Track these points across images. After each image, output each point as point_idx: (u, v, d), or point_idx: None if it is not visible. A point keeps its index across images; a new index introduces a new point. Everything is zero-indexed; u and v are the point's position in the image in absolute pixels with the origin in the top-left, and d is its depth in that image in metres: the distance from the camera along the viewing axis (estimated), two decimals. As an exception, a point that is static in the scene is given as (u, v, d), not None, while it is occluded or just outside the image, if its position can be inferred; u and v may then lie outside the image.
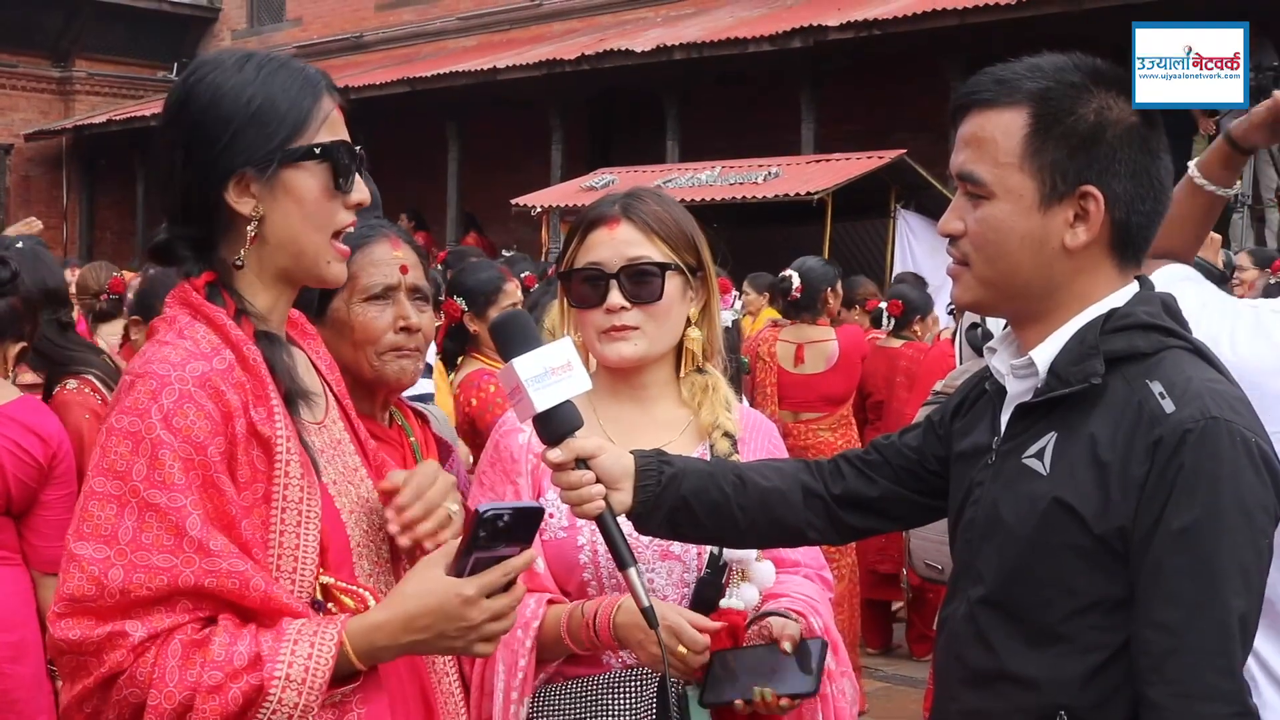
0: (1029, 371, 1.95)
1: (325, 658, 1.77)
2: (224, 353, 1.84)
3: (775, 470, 2.25)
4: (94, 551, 1.73)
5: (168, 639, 1.73)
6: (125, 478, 1.74)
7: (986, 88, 1.94)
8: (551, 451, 2.08)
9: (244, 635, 1.75)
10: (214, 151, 1.86)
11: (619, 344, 2.46)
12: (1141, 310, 1.90)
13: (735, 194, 13.10)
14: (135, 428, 1.76)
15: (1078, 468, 1.84)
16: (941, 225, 2.01)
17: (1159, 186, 1.93)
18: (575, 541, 2.44)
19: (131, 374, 1.82)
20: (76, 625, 1.73)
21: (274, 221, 1.89)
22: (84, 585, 1.73)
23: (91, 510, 1.75)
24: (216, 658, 1.72)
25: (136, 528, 1.73)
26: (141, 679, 1.72)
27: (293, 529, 1.84)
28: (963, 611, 1.99)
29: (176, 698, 1.71)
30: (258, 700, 1.72)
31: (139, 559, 1.73)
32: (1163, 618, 1.76)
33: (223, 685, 1.71)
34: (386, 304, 2.68)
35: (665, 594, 2.45)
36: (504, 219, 17.05)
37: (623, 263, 2.45)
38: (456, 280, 5.00)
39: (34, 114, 23.03)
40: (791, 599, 2.48)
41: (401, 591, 1.87)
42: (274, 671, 1.73)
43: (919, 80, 14.35)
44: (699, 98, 15.97)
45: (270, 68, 1.91)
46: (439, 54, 19.93)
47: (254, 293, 1.93)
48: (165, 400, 1.76)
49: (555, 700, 2.41)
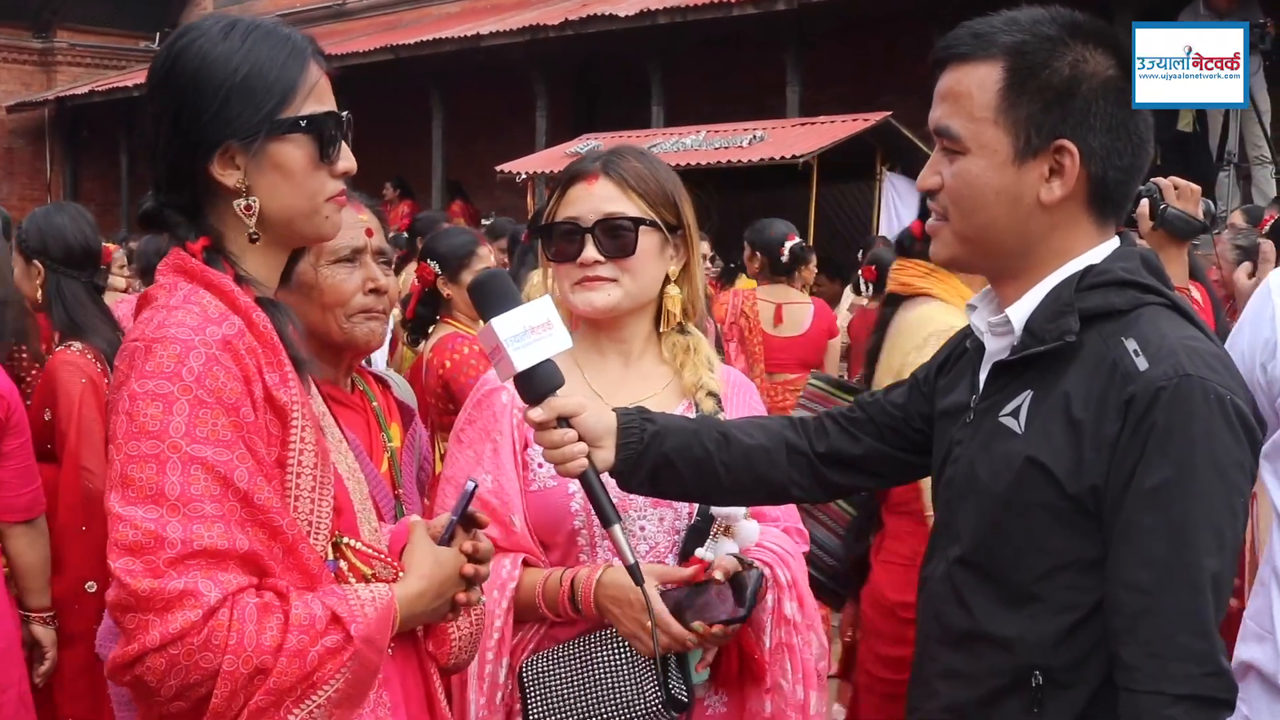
0: (1005, 329, 1.94)
1: (387, 621, 1.84)
2: (232, 318, 1.82)
3: (759, 428, 2.25)
4: (144, 512, 1.70)
5: (237, 601, 1.71)
6: (162, 436, 1.72)
7: (963, 41, 1.93)
8: (533, 410, 2.09)
9: (313, 599, 1.78)
10: (201, 122, 1.84)
11: (589, 294, 2.47)
12: (1119, 266, 1.89)
13: (720, 158, 13.05)
14: (165, 389, 1.73)
15: (1052, 426, 1.83)
16: (920, 181, 2.00)
17: (1137, 140, 1.91)
18: (565, 489, 2.43)
19: (144, 339, 1.77)
20: (143, 578, 1.68)
21: (261, 193, 1.88)
22: (140, 538, 1.69)
23: (131, 474, 1.71)
24: (301, 620, 1.74)
25: (183, 482, 1.71)
26: (217, 643, 1.69)
27: (308, 494, 1.85)
28: (941, 571, 1.99)
29: (254, 662, 1.70)
30: (341, 659, 1.76)
31: (192, 511, 1.70)
32: (1135, 578, 1.75)
33: (306, 648, 1.73)
34: (354, 266, 2.68)
35: (656, 541, 2.47)
36: (489, 186, 16.97)
37: (598, 217, 2.46)
38: (429, 245, 4.99)
39: (16, 85, 22.87)
40: (762, 550, 2.49)
41: (425, 561, 1.96)
42: (357, 631, 1.78)
43: (905, 42, 14.26)
44: (683, 62, 15.88)
45: (257, 35, 1.88)
46: (422, 21, 19.80)
47: (248, 254, 1.91)
48: (193, 363, 1.74)
49: (550, 664, 2.40)
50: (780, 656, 2.47)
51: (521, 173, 14.63)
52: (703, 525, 2.46)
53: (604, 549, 2.44)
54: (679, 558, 2.46)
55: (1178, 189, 3.79)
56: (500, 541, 2.41)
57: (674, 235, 2.52)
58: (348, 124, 1.95)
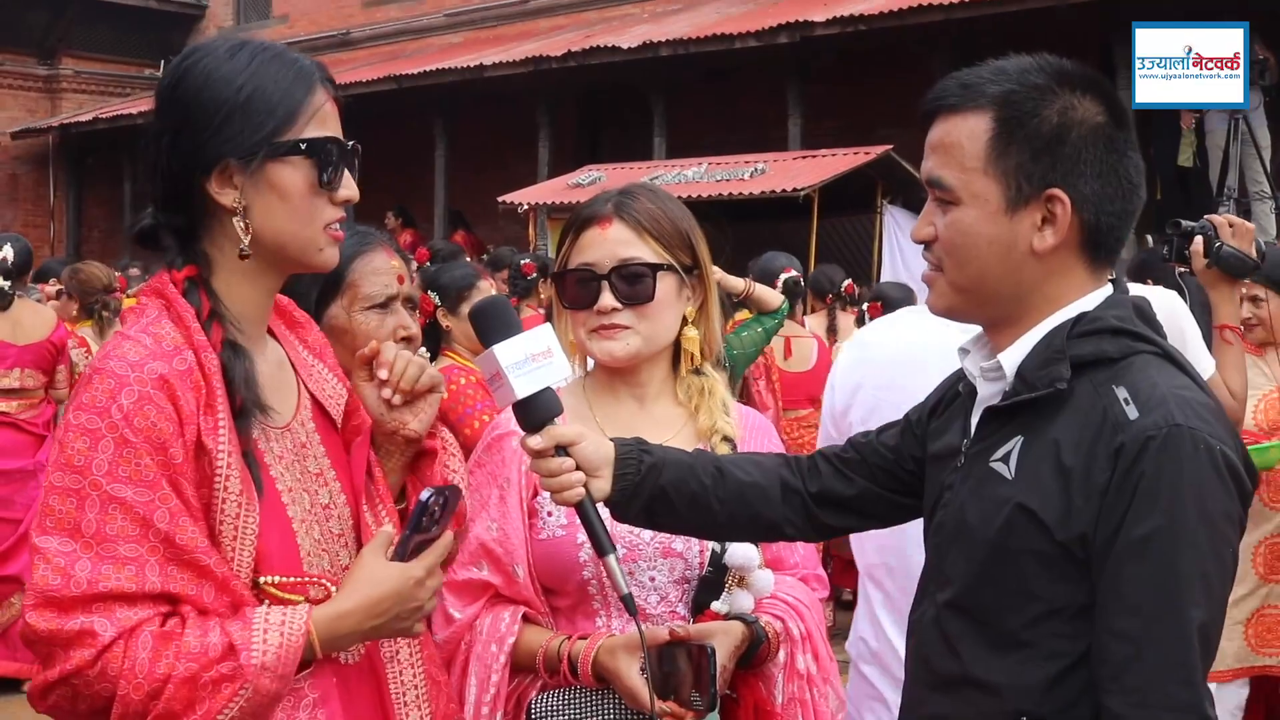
0: (997, 375, 1.94)
1: (294, 646, 1.81)
2: (185, 354, 1.83)
3: (755, 465, 2.24)
4: (59, 545, 1.74)
5: (135, 633, 1.74)
6: (85, 472, 1.75)
7: (952, 92, 1.94)
8: (531, 438, 2.07)
9: (213, 626, 1.77)
10: (201, 139, 1.85)
11: (608, 343, 2.44)
12: (1111, 314, 1.89)
13: (722, 190, 13.06)
14: (94, 425, 1.76)
15: (1042, 473, 1.83)
16: (914, 232, 2.00)
17: (1129, 185, 1.91)
18: (575, 539, 2.40)
19: (92, 368, 1.82)
20: (46, 617, 1.74)
21: (256, 215, 1.88)
22: (50, 576, 1.74)
23: (53, 505, 1.76)
24: (191, 649, 1.74)
25: (100, 520, 1.74)
26: (112, 673, 1.73)
27: (230, 541, 1.84)
28: (930, 615, 1.99)
29: (145, 688, 1.73)
30: (233, 688, 1.75)
31: (104, 550, 1.73)
32: (1122, 626, 1.75)
33: (197, 675, 1.74)
34: (386, 313, 2.70)
35: (666, 591, 2.43)
36: (491, 217, 17.00)
37: (614, 263, 2.42)
38: (430, 277, 5.01)
39: (20, 112, 22.91)
40: (775, 603, 2.47)
41: (358, 579, 1.92)
42: (249, 660, 1.76)
43: (905, 76, 14.30)
44: (686, 94, 15.93)
45: (264, 57, 1.89)
46: (425, 50, 19.88)
47: (236, 282, 1.92)
48: (124, 400, 1.76)
49: (560, 703, 2.38)
50: (793, 712, 2.45)
51: (523, 203, 14.65)
52: (715, 576, 2.43)
53: (616, 600, 2.39)
54: (691, 608, 2.44)
55: (1232, 226, 3.79)
56: (502, 589, 2.40)
57: (690, 276, 2.50)
58: (354, 153, 1.95)
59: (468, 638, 2.42)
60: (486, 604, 2.44)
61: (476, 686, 2.37)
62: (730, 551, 2.42)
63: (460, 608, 2.44)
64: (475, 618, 2.42)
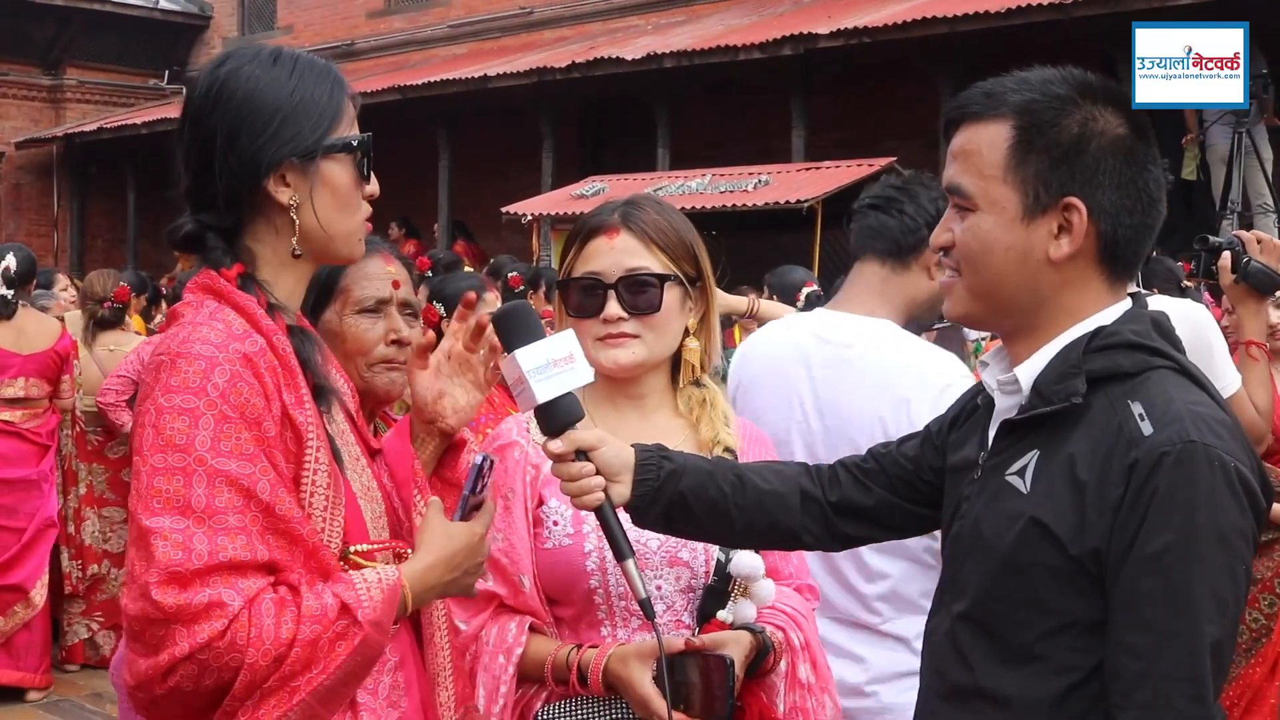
0: (1014, 388, 1.95)
1: (394, 600, 1.91)
2: (255, 336, 1.90)
3: (775, 473, 2.25)
4: (172, 523, 1.78)
5: (257, 601, 1.80)
6: (188, 450, 1.79)
7: (975, 100, 1.95)
8: (552, 443, 2.09)
9: (322, 589, 1.86)
10: (259, 141, 1.94)
11: (615, 351, 2.45)
12: (1129, 329, 1.89)
13: (725, 202, 13.07)
14: (191, 404, 1.81)
15: (1056, 487, 1.83)
16: (933, 238, 2.02)
17: (1148, 199, 1.92)
18: (581, 549, 2.41)
19: (169, 354, 1.86)
20: (171, 593, 1.77)
21: (310, 210, 1.98)
22: (171, 552, 1.77)
23: (158, 485, 1.80)
24: (313, 611, 1.83)
25: (208, 494, 1.79)
26: (240, 643, 1.78)
27: (321, 511, 1.93)
28: (944, 626, 1.99)
29: (272, 654, 1.79)
30: (349, 645, 1.84)
31: (216, 523, 1.79)
32: (1134, 642, 1.75)
33: (319, 636, 1.82)
34: (378, 317, 2.72)
35: (672, 600, 2.44)
36: (495, 227, 17.00)
37: (621, 273, 2.44)
38: (436, 287, 5.01)
39: (25, 122, 22.93)
40: (775, 613, 2.47)
41: (432, 536, 2.02)
42: (364, 615, 1.85)
43: (909, 88, 14.35)
44: (689, 105, 15.94)
45: (302, 64, 2.02)
46: (429, 61, 19.90)
47: (277, 277, 2.00)
48: (218, 378, 1.82)
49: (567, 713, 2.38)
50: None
51: (527, 214, 14.66)
52: (720, 585, 2.44)
53: (621, 610, 2.41)
54: (696, 617, 2.44)
55: (1260, 243, 3.80)
56: (507, 600, 2.40)
57: (693, 287, 2.52)
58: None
59: (474, 648, 2.42)
60: (492, 615, 2.43)
61: (485, 698, 2.36)
62: (735, 561, 2.43)
63: (466, 619, 2.44)
64: (481, 628, 2.42)
